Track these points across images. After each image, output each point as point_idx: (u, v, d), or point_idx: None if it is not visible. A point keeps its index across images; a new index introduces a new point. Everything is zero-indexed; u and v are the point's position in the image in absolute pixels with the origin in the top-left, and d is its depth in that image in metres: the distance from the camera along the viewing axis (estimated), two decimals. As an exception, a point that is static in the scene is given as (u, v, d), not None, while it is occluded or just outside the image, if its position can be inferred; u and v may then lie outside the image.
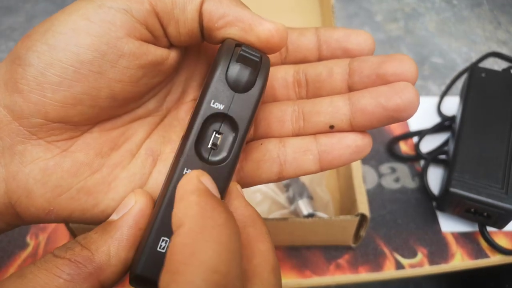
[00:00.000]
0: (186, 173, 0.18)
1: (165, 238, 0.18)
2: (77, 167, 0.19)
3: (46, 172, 0.19)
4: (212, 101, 0.19)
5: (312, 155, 0.21)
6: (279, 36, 0.19)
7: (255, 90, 0.19)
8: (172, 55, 0.20)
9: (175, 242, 0.15)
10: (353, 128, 0.21)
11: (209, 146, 0.19)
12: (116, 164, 0.21)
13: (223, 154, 0.19)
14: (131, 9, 0.18)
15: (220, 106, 0.19)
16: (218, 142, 0.19)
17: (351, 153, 0.21)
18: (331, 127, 0.21)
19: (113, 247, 0.18)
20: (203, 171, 0.18)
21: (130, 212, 0.19)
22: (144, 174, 0.21)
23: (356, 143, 0.21)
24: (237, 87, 0.19)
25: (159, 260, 0.17)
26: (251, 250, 0.17)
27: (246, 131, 0.19)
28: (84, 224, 0.21)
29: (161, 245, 0.18)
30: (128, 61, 0.19)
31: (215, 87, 0.19)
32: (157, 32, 0.19)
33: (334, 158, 0.21)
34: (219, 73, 0.19)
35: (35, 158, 0.19)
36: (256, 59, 0.19)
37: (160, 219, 0.18)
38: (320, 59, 0.23)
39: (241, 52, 0.19)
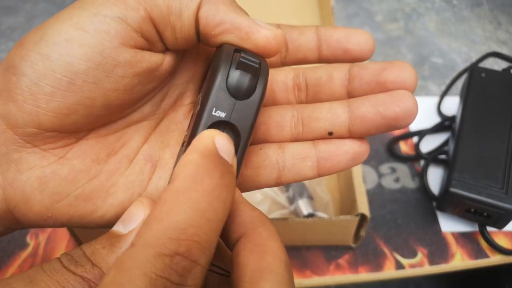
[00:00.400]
0: None
1: None
2: (74, 174, 0.19)
3: (43, 179, 0.19)
4: (214, 109, 0.18)
5: (310, 161, 0.21)
6: (276, 43, 0.19)
7: (255, 97, 0.19)
8: (167, 60, 0.20)
9: (161, 196, 0.15)
10: (351, 135, 0.21)
11: None
12: (114, 170, 0.20)
13: None
14: (126, 17, 0.18)
15: (221, 114, 0.18)
16: None
17: (349, 159, 0.21)
18: (330, 133, 0.21)
19: None
20: (221, 131, 0.17)
21: (138, 228, 0.18)
22: (143, 181, 0.21)
23: (354, 150, 0.21)
24: (238, 94, 0.19)
25: None
26: (264, 249, 0.17)
27: (248, 138, 0.19)
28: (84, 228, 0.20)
29: None
30: (123, 70, 0.18)
31: (216, 95, 0.18)
32: (153, 38, 0.19)
33: (332, 165, 0.21)
34: (219, 81, 0.18)
35: (31, 166, 0.19)
36: (255, 66, 0.19)
37: None
38: (320, 58, 0.23)
39: (241, 59, 0.18)
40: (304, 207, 0.42)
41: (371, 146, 0.22)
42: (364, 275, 0.40)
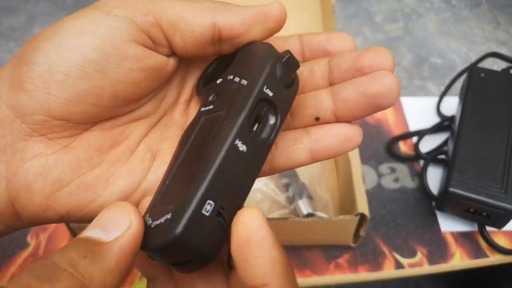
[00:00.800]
0: (237, 143, 0.18)
1: (211, 202, 0.17)
2: (77, 162, 0.20)
3: (46, 167, 0.19)
4: (265, 86, 0.20)
5: (302, 144, 0.22)
6: (283, 9, 0.21)
7: (294, 89, 0.21)
8: (171, 62, 0.22)
9: None
10: (338, 119, 0.22)
11: (253, 127, 0.20)
12: (116, 160, 0.21)
13: (263, 136, 0.20)
14: (136, 19, 0.20)
15: (270, 93, 0.20)
16: (261, 124, 0.20)
17: (341, 141, 0.22)
18: (317, 119, 0.22)
19: (109, 278, 0.16)
20: (259, 210, 0.18)
21: (125, 236, 0.17)
22: (144, 169, 0.22)
23: (345, 131, 0.22)
24: (282, 82, 0.20)
25: (202, 223, 0.17)
26: None
27: (282, 122, 0.20)
28: (83, 223, 0.21)
29: (206, 208, 0.17)
30: (131, 63, 0.20)
31: (268, 75, 0.20)
32: (161, 42, 0.21)
33: (324, 148, 0.22)
34: (271, 66, 0.20)
35: (36, 154, 0.19)
36: (297, 64, 0.21)
37: (209, 181, 0.17)
38: (303, 62, 0.24)
39: (289, 55, 0.20)
40: (303, 207, 0.42)
41: (370, 146, 0.22)
42: (364, 275, 0.40)
